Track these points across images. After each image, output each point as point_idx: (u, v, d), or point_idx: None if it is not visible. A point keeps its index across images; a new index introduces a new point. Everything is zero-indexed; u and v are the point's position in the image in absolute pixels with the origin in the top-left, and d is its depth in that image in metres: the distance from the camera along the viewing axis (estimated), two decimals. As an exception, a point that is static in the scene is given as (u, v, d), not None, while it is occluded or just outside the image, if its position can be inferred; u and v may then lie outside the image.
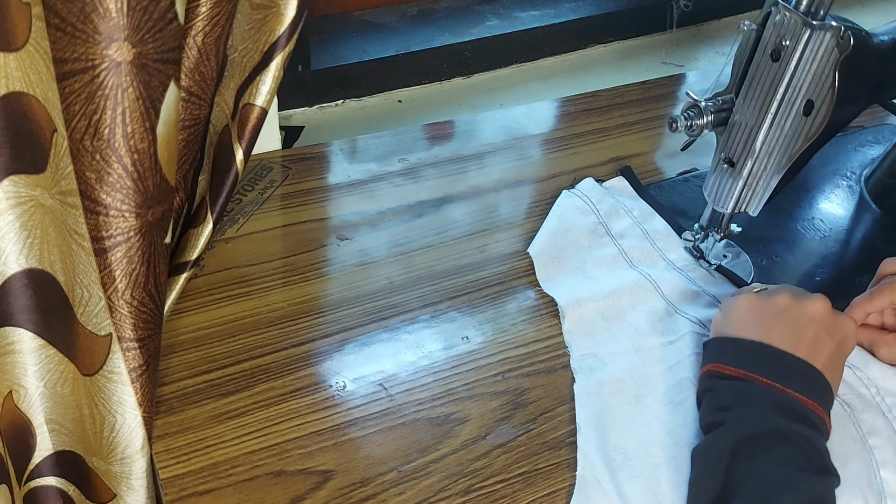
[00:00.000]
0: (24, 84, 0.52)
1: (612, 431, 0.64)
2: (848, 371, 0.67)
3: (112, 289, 0.54)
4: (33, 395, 0.64)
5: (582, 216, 0.80)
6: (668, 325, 0.71)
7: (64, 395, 0.64)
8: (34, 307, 0.61)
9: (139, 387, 0.58)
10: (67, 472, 0.69)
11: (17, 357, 0.62)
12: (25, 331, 0.61)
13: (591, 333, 0.71)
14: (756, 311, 0.63)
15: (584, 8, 1.11)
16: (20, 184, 0.56)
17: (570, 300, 0.73)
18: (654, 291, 0.73)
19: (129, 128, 0.49)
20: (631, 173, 0.85)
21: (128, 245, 0.53)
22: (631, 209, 0.81)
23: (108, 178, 0.50)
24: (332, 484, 0.59)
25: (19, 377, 0.63)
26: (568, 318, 0.72)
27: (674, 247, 0.78)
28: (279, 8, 0.62)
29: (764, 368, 0.59)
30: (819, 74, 0.63)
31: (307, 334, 0.68)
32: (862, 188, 0.86)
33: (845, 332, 0.62)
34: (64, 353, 0.62)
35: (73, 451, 0.67)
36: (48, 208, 0.56)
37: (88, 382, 0.60)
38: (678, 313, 0.72)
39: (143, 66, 0.48)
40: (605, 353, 0.70)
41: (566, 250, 0.77)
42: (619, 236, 0.79)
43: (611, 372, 0.68)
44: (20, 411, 0.65)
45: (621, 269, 0.76)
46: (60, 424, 0.66)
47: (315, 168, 0.84)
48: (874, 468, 0.62)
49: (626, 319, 0.72)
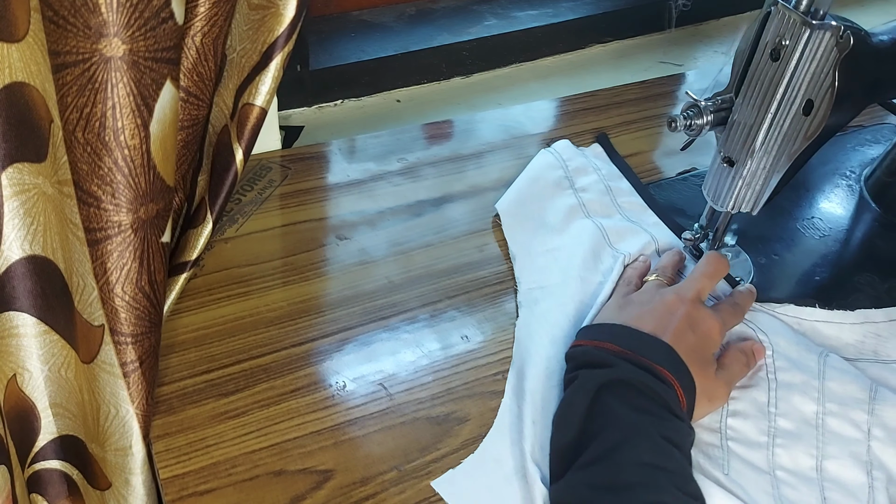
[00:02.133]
0: (25, 75, 0.52)
1: (554, 368, 0.66)
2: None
3: (103, 281, 0.55)
4: (38, 379, 0.65)
5: (550, 170, 0.84)
6: (609, 265, 0.74)
7: (68, 380, 0.64)
8: (37, 293, 0.61)
9: (131, 381, 0.58)
10: (71, 457, 0.69)
11: (21, 340, 0.63)
12: (29, 316, 0.62)
13: (539, 270, 0.75)
14: (623, 303, 0.67)
15: (582, 7, 1.11)
16: (24, 171, 0.56)
17: (523, 244, 0.77)
18: (602, 238, 0.76)
19: (119, 123, 0.49)
20: (607, 141, 0.89)
21: (119, 239, 0.53)
22: (599, 168, 0.85)
23: (99, 171, 0.51)
24: (332, 483, 0.59)
25: (24, 360, 0.64)
26: (518, 260, 0.76)
27: (634, 204, 0.81)
28: (278, 8, 0.62)
29: (618, 340, 0.61)
30: (819, 74, 0.63)
31: (307, 334, 0.68)
32: (861, 187, 0.86)
33: (707, 326, 0.64)
34: (66, 340, 0.63)
35: (75, 436, 0.67)
36: (49, 197, 0.56)
37: (86, 370, 0.60)
38: (621, 254, 0.75)
39: (135, 63, 0.48)
40: (552, 285, 0.73)
41: (530, 198, 0.81)
42: (581, 190, 0.82)
43: (556, 299, 0.71)
44: (24, 394, 0.65)
45: (577, 219, 0.79)
46: (65, 408, 0.66)
47: (314, 168, 0.84)
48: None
49: (573, 259, 0.74)
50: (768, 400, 0.64)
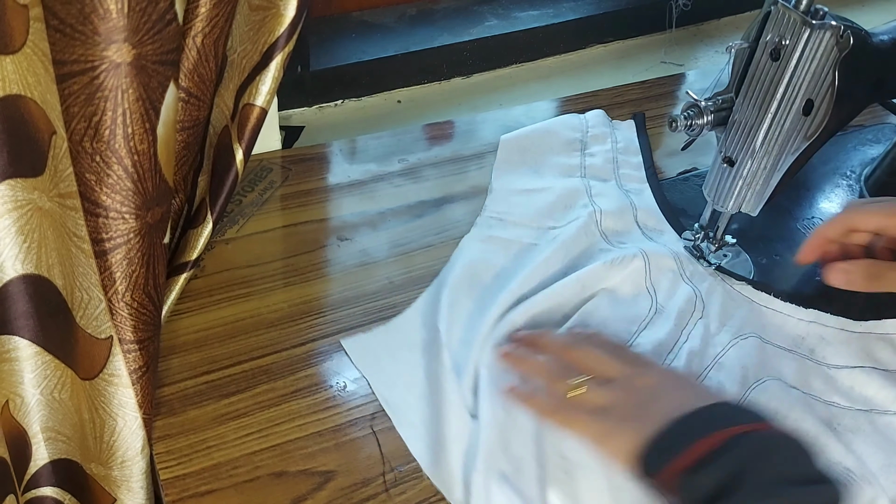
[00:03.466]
0: (21, 87, 0.51)
1: (476, 266, 0.71)
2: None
3: (112, 291, 0.54)
4: (30, 404, 0.64)
5: (569, 131, 0.86)
6: (578, 213, 0.76)
7: (62, 402, 0.64)
8: (30, 314, 0.60)
9: (140, 388, 0.58)
10: (63, 481, 0.68)
11: (13, 365, 0.62)
12: (21, 338, 0.61)
13: (509, 205, 0.78)
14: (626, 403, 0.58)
15: (583, 8, 1.11)
16: (17, 187, 0.55)
17: (506, 181, 0.79)
18: (583, 193, 0.78)
19: (129, 129, 0.49)
20: (642, 120, 0.90)
21: (128, 247, 0.53)
22: (618, 141, 0.86)
23: (108, 180, 0.50)
24: (333, 484, 0.59)
25: (15, 386, 0.63)
26: (493, 193, 0.78)
27: (632, 178, 0.82)
28: (278, 9, 0.62)
29: (703, 429, 0.53)
30: (819, 74, 0.63)
31: (308, 335, 0.68)
32: (862, 187, 0.86)
33: (655, 370, 0.61)
34: (61, 359, 0.62)
35: (70, 460, 0.67)
36: (46, 211, 0.56)
37: (88, 387, 0.60)
38: (591, 205, 0.76)
39: (143, 68, 0.48)
40: (511, 222, 0.75)
41: (535, 147, 0.83)
42: (589, 154, 0.84)
43: (506, 234, 0.75)
44: (16, 421, 0.64)
45: (570, 177, 0.81)
46: (58, 432, 0.66)
47: (315, 168, 0.84)
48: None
49: (542, 205, 0.77)
50: None
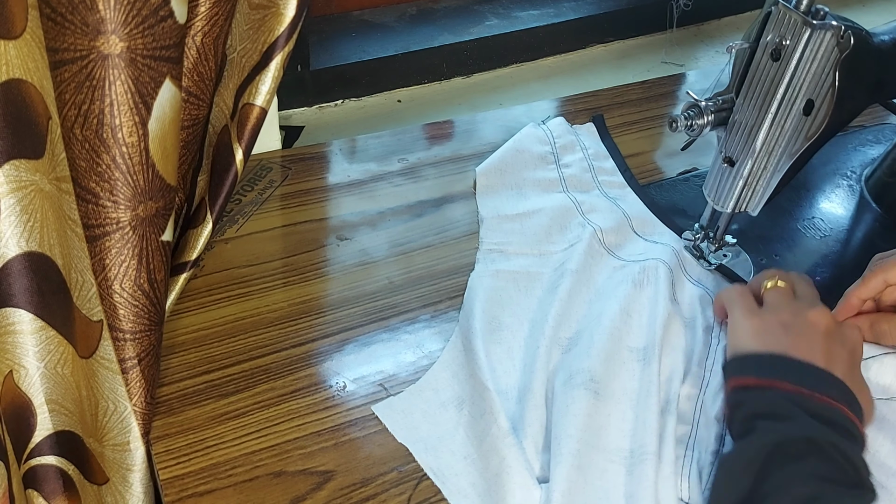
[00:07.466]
0: (22, 71, 0.53)
1: (493, 307, 0.69)
2: None
3: (102, 277, 0.55)
4: (34, 376, 0.65)
5: (538, 144, 0.86)
6: (577, 234, 0.76)
7: (64, 376, 0.65)
8: (34, 289, 0.61)
9: (130, 378, 0.58)
10: (67, 452, 0.69)
11: (17, 337, 0.63)
12: (26, 312, 0.62)
13: (504, 232, 0.76)
14: (765, 326, 0.62)
15: (583, 7, 1.11)
16: (21, 168, 0.56)
17: (494, 208, 0.79)
18: (574, 210, 0.78)
19: (116, 120, 0.50)
20: (602, 122, 0.90)
21: (117, 236, 0.54)
22: (587, 147, 0.86)
23: (97, 168, 0.51)
24: (332, 484, 0.59)
25: (20, 357, 0.64)
26: (486, 223, 0.78)
27: (614, 184, 0.83)
28: (278, 8, 0.62)
29: (788, 376, 0.57)
30: (819, 74, 0.63)
31: (307, 334, 0.68)
32: (862, 187, 0.86)
33: (854, 339, 0.62)
34: (63, 336, 0.63)
35: (72, 432, 0.67)
36: (47, 193, 0.57)
37: (85, 365, 0.61)
38: (589, 225, 0.76)
39: (133, 61, 0.48)
40: (512, 252, 0.75)
41: (511, 167, 0.83)
42: (564, 166, 0.84)
43: (511, 265, 0.74)
44: (21, 391, 0.65)
45: (553, 193, 0.81)
46: (60, 405, 0.66)
47: (315, 168, 0.84)
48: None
49: (538, 229, 0.76)
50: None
